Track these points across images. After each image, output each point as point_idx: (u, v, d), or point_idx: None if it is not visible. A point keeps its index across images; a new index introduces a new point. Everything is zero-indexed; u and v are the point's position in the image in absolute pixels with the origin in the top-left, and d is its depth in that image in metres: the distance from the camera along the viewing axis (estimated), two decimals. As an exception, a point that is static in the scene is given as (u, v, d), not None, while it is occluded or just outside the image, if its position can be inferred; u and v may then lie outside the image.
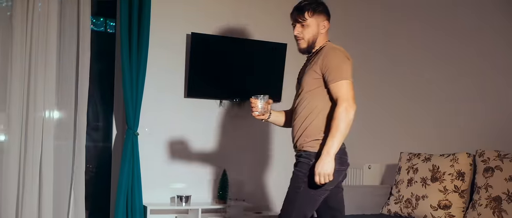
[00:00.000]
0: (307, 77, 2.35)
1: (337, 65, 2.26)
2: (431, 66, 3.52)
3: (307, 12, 2.34)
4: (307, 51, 2.41)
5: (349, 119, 2.24)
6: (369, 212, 3.23)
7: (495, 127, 3.03)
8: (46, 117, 3.59)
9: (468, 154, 2.89)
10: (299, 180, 2.33)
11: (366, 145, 4.07)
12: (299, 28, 2.38)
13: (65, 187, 3.69)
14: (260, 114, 2.46)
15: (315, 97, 2.32)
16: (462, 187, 2.84)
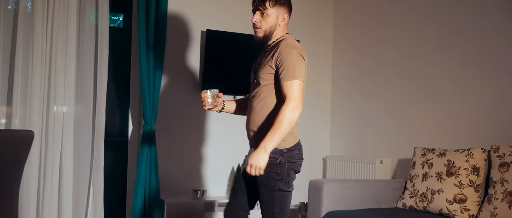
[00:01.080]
0: (263, 70, 2.35)
1: (291, 63, 2.25)
2: (445, 62, 3.59)
3: (268, 1, 2.32)
4: (262, 41, 2.42)
5: (293, 118, 2.23)
6: (384, 206, 3.31)
7: (510, 123, 3.11)
8: (66, 112, 3.65)
9: (482, 149, 2.97)
10: (271, 182, 2.32)
11: (378, 140, 4.15)
12: (258, 16, 2.36)
13: (84, 182, 3.76)
14: (212, 107, 2.49)
15: (271, 92, 2.33)
16: (477, 182, 2.92)
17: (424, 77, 3.76)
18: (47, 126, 3.58)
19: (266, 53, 2.39)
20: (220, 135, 4.31)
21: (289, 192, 2.37)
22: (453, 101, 3.52)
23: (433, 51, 3.69)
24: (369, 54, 4.30)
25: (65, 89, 3.63)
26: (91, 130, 3.78)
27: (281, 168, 2.31)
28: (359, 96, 4.41)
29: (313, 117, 4.72)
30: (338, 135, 4.66)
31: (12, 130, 2.04)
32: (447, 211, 2.95)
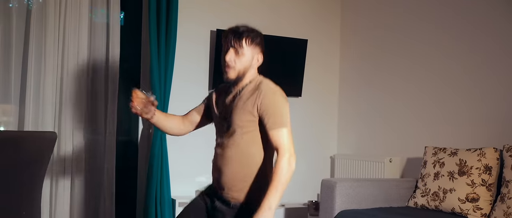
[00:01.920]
0: (241, 115, 2.09)
1: (278, 110, 2.07)
2: (455, 61, 3.62)
3: (245, 39, 2.12)
4: (233, 82, 2.17)
5: (292, 170, 2.02)
6: (395, 205, 3.34)
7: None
8: (78, 112, 3.67)
9: (495, 149, 3.00)
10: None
11: (387, 139, 4.18)
12: (232, 55, 2.13)
13: (95, 182, 3.78)
14: (140, 111, 2.24)
15: (252, 141, 2.10)
16: (489, 181, 2.95)
17: (434, 74, 3.78)
18: (59, 125, 3.60)
19: (239, 97, 2.14)
20: (230, 134, 4.33)
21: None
22: (463, 100, 3.54)
23: (446, 48, 3.70)
24: (378, 49, 4.32)
25: (76, 89, 3.65)
26: (103, 129, 3.80)
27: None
28: (367, 91, 4.43)
29: (320, 113, 4.74)
30: (346, 132, 4.68)
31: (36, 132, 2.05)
32: (459, 210, 2.97)
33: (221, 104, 2.23)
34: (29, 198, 2.04)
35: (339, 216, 3.07)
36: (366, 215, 2.95)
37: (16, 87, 3.54)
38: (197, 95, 4.19)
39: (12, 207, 1.97)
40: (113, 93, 3.78)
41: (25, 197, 2.02)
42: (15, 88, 3.53)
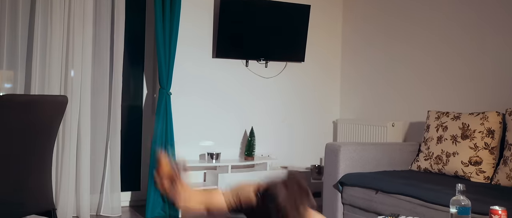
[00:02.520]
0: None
1: None
2: (457, 25, 3.62)
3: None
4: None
5: None
6: (399, 168, 3.40)
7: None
8: (83, 78, 3.68)
9: (497, 113, 3.04)
10: None
11: (390, 103, 4.22)
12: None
13: (101, 146, 3.83)
14: (167, 189, 1.62)
15: None
16: (492, 144, 2.99)
17: (438, 37, 3.79)
18: (65, 91, 3.62)
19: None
20: (233, 100, 4.36)
21: None
22: (467, 64, 3.56)
23: (449, 11, 3.70)
24: (381, 11, 4.31)
25: (82, 55, 3.65)
26: (108, 94, 3.82)
27: None
28: (370, 55, 4.44)
29: (323, 78, 4.76)
30: (349, 97, 4.71)
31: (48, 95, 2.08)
32: (462, 173, 3.03)
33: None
34: (42, 159, 2.08)
35: (343, 179, 3.13)
36: (370, 178, 3.00)
37: (23, 53, 3.56)
38: (201, 61, 4.22)
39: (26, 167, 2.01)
40: (117, 60, 3.79)
41: (38, 158, 2.06)
42: (22, 54, 3.55)
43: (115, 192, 3.81)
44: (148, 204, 3.79)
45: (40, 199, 2.08)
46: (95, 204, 3.84)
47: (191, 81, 4.18)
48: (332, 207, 3.22)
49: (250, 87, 4.44)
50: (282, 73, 4.55)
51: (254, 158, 4.23)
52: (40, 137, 2.05)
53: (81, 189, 3.69)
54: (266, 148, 4.47)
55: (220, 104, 4.29)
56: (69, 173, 3.62)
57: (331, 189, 3.23)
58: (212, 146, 4.25)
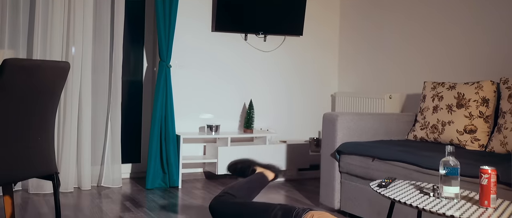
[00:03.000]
0: None
1: None
2: (456, -1, 3.64)
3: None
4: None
5: None
6: (395, 138, 3.45)
7: (519, 57, 3.21)
8: (84, 53, 3.71)
9: (492, 82, 3.07)
10: None
11: (387, 76, 4.25)
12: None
13: (102, 118, 3.89)
14: None
15: None
16: (486, 113, 3.04)
17: (435, 9, 3.81)
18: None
19: None
20: (232, 73, 4.39)
21: None
22: (463, 33, 3.59)
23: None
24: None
25: (83, 31, 3.69)
26: (109, 69, 3.86)
27: None
28: (368, 28, 4.47)
29: (321, 51, 4.79)
30: (347, 70, 4.75)
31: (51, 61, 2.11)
32: (457, 142, 3.08)
33: None
34: (44, 124, 2.13)
35: (341, 147, 3.18)
36: (367, 146, 3.05)
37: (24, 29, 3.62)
38: (200, 34, 4.25)
39: (29, 132, 2.06)
40: (118, 35, 3.82)
41: (41, 122, 2.10)
42: (23, 30, 3.62)
43: (115, 164, 3.88)
44: (148, 176, 3.85)
45: (43, 162, 2.13)
46: (96, 176, 3.91)
47: (191, 55, 4.21)
48: (329, 176, 3.28)
49: (249, 61, 4.48)
50: (280, 47, 4.58)
51: (253, 131, 4.28)
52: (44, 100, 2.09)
53: (82, 161, 3.75)
54: (265, 121, 4.53)
55: (220, 78, 4.34)
56: (70, 145, 3.68)
57: (329, 158, 3.28)
58: (211, 118, 4.30)
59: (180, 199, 3.53)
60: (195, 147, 4.26)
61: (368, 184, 2.97)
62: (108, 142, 3.89)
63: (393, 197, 1.99)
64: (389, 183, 2.21)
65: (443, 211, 1.76)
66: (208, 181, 4.21)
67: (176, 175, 3.93)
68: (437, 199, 1.94)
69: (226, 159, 4.01)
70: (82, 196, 3.54)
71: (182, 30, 4.13)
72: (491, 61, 3.39)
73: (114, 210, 3.19)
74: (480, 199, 1.84)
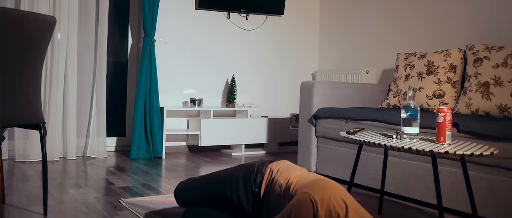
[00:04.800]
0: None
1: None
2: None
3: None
4: None
5: None
6: (370, 106, 3.60)
7: (485, 22, 3.38)
8: (70, 35, 3.82)
9: (459, 49, 3.24)
10: None
11: (365, 53, 4.41)
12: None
13: (87, 91, 3.99)
14: None
15: None
16: (454, 78, 3.21)
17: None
18: (52, 52, 3.75)
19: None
20: (215, 50, 4.52)
21: None
22: (434, 6, 3.76)
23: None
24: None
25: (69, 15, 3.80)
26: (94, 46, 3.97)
27: None
28: (347, 5, 4.62)
29: (302, 31, 4.94)
30: (327, 49, 4.91)
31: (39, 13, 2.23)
32: (427, 106, 3.25)
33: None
34: (32, 74, 2.24)
35: (317, 112, 3.33)
36: (342, 110, 3.20)
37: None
38: (184, 12, 4.37)
39: (17, 82, 2.17)
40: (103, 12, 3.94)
41: (29, 72, 2.22)
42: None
43: (101, 137, 3.98)
44: (133, 146, 3.96)
45: (31, 111, 2.25)
46: (81, 148, 4.02)
47: (175, 32, 4.34)
48: (306, 141, 3.43)
49: (232, 39, 4.61)
50: (262, 26, 4.72)
51: (235, 106, 4.42)
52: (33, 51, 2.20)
53: (67, 134, 3.85)
54: (247, 98, 4.67)
55: (203, 55, 4.46)
56: (55, 118, 3.77)
57: (306, 124, 3.43)
58: (195, 93, 4.43)
59: (163, 166, 3.66)
60: (178, 121, 4.39)
61: (343, 145, 3.12)
62: (93, 115, 4.00)
63: (360, 138, 2.14)
64: (357, 131, 2.36)
65: (404, 146, 1.92)
66: (192, 153, 4.34)
67: (160, 145, 4.05)
68: (400, 140, 2.09)
69: (209, 131, 4.14)
70: (68, 164, 3.65)
71: (166, 7, 4.25)
72: (459, 29, 3.56)
73: (99, 174, 3.30)
74: (437, 137, 2.00)
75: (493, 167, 2.30)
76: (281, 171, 1.94)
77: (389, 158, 2.81)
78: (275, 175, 1.93)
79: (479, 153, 1.79)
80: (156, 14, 4.04)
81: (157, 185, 3.02)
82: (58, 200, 2.57)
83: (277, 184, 1.88)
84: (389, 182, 2.82)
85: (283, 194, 1.82)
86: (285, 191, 1.81)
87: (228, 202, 2.01)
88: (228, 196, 1.99)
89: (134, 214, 2.35)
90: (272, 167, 1.99)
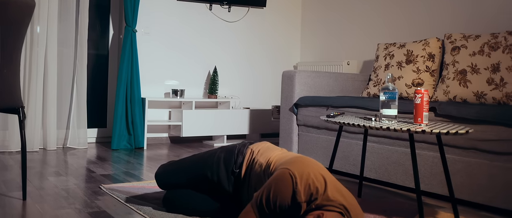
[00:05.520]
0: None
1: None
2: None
3: None
4: None
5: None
6: (350, 95, 3.64)
7: (462, 13, 3.45)
8: (50, 29, 3.78)
9: (437, 38, 3.30)
10: None
11: (346, 44, 4.45)
12: None
13: (67, 83, 3.96)
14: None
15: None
16: (432, 67, 3.26)
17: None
18: (32, 46, 3.72)
19: None
20: (197, 42, 4.52)
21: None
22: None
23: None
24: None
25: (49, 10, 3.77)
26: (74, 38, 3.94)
27: None
28: (328, 0, 4.66)
29: (284, 23, 4.97)
30: (308, 41, 4.94)
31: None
32: (406, 94, 3.29)
33: None
34: (11, 58, 2.22)
35: (299, 101, 3.35)
36: (323, 98, 3.23)
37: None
38: (166, 6, 4.36)
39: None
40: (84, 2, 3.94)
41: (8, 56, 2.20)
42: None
43: (81, 129, 3.95)
44: (114, 136, 3.94)
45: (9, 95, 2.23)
46: (61, 139, 3.98)
47: (157, 23, 4.32)
48: (288, 129, 3.45)
49: (214, 31, 4.62)
50: (245, 18, 4.73)
51: (217, 97, 4.42)
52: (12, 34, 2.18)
53: (47, 125, 3.81)
54: (229, 90, 4.68)
55: (185, 46, 4.46)
56: (35, 109, 3.74)
57: (287, 113, 3.45)
58: (177, 85, 4.43)
59: (145, 156, 3.65)
60: (160, 112, 4.38)
61: (324, 132, 3.15)
62: (74, 106, 3.97)
63: (339, 121, 2.16)
64: (337, 115, 2.39)
65: (383, 126, 1.95)
66: (173, 144, 4.33)
67: (142, 136, 4.04)
68: (379, 122, 2.12)
69: (191, 122, 4.14)
70: (48, 154, 3.62)
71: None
72: (438, 18, 3.62)
73: (80, 163, 3.28)
74: (414, 118, 2.03)
75: (469, 149, 2.34)
76: (262, 151, 1.96)
77: (369, 144, 2.85)
78: (256, 155, 1.95)
79: (454, 131, 1.83)
80: (138, 4, 4.03)
81: (138, 172, 3.02)
82: (37, 187, 2.55)
83: (258, 164, 1.90)
84: (368, 167, 2.86)
85: (264, 172, 1.84)
86: (266, 169, 1.83)
87: (209, 183, 2.02)
88: (209, 177, 2.01)
89: (114, 198, 2.34)
90: (253, 148, 2.01)
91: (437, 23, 3.64)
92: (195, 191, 2.09)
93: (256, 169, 1.90)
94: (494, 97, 2.78)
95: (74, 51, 3.97)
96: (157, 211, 2.11)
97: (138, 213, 2.10)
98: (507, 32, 2.87)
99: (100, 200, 2.31)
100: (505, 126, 2.19)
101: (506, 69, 2.77)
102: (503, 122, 2.19)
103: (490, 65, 2.85)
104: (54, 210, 2.11)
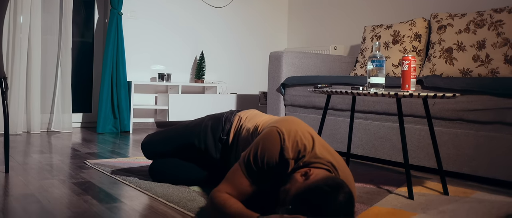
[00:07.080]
0: None
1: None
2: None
3: None
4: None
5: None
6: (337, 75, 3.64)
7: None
8: (33, 19, 3.73)
9: (424, 19, 3.31)
10: None
11: (333, 29, 4.46)
12: None
13: (52, 64, 3.91)
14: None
15: None
16: (419, 47, 3.27)
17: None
18: (14, 37, 3.66)
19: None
20: (184, 27, 4.49)
21: None
22: (401, -15, 3.83)
23: None
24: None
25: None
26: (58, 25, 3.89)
27: None
28: (315, -9, 4.67)
29: (271, 10, 4.96)
30: (295, 27, 4.94)
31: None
32: (392, 74, 3.30)
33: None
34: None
35: (286, 81, 3.34)
36: (310, 77, 3.22)
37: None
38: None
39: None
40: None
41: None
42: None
43: (66, 113, 3.90)
44: (99, 120, 3.90)
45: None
46: (45, 123, 3.93)
47: (143, 6, 4.28)
48: (275, 109, 3.44)
49: (201, 15, 4.59)
50: (232, 4, 4.71)
51: (204, 82, 4.40)
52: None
53: (31, 109, 3.75)
54: (217, 75, 4.65)
55: (172, 31, 4.43)
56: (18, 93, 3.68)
57: (275, 93, 3.44)
58: (163, 69, 4.39)
59: (131, 139, 3.61)
60: (147, 97, 4.34)
61: (311, 111, 3.14)
62: (58, 90, 3.91)
63: (327, 90, 2.16)
64: (325, 86, 2.38)
65: (371, 92, 1.94)
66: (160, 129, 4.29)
67: (127, 119, 4.00)
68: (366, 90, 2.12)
69: (177, 107, 4.11)
70: (32, 137, 3.56)
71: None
72: (427, 0, 3.64)
73: (64, 144, 3.24)
74: (402, 85, 2.03)
75: (455, 120, 2.35)
76: (249, 118, 1.95)
77: (356, 120, 2.85)
78: (244, 122, 1.94)
79: (442, 94, 1.83)
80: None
81: (124, 151, 2.98)
82: (21, 162, 2.51)
83: (245, 129, 1.89)
84: (356, 144, 2.86)
85: (251, 136, 1.82)
86: (253, 132, 1.82)
87: (197, 151, 2.00)
88: (196, 145, 1.99)
89: (100, 171, 2.31)
90: (240, 115, 1.99)
91: (423, 3, 3.66)
92: (182, 160, 2.06)
93: (243, 134, 1.89)
94: (479, 74, 2.80)
95: (58, 36, 3.91)
96: (143, 181, 2.08)
97: (124, 183, 2.07)
98: (492, 9, 2.89)
99: (85, 173, 2.28)
100: (490, 95, 2.20)
101: (492, 46, 2.79)
102: (489, 91, 2.20)
103: (476, 43, 2.87)
104: (38, 181, 2.08)
